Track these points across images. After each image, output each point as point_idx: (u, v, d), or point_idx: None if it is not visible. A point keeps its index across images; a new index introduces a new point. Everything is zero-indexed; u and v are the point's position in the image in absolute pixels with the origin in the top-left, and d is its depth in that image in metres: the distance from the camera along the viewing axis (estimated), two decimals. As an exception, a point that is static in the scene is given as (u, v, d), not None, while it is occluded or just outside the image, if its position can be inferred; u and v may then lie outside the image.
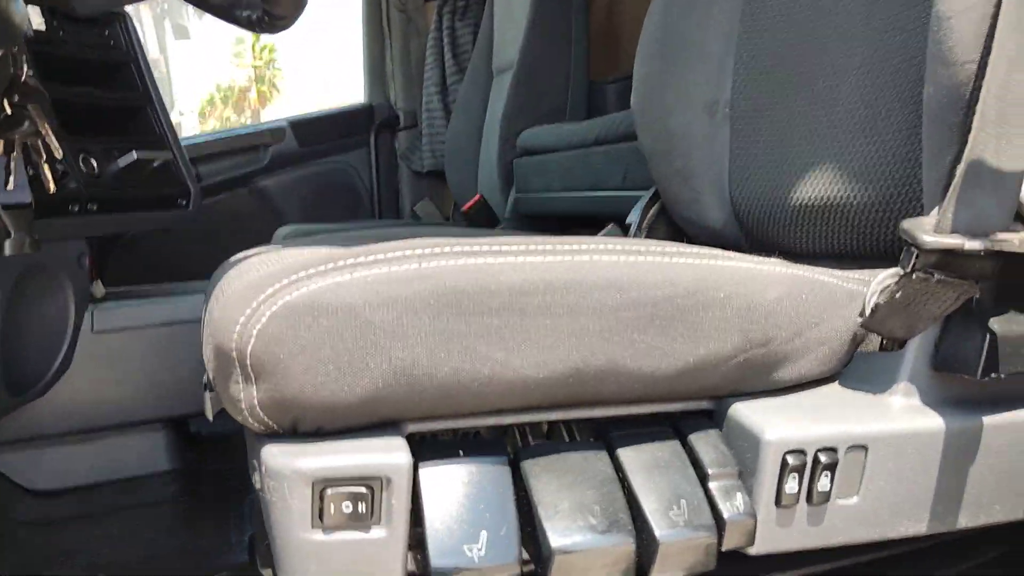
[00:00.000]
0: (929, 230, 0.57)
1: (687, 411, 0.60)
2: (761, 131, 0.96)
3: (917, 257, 0.57)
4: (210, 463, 1.40)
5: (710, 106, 1.02)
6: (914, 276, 0.57)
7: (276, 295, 0.50)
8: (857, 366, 0.63)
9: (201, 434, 1.44)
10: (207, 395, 0.66)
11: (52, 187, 0.89)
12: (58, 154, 0.78)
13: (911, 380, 0.60)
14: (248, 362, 0.49)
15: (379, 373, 0.50)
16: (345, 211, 2.55)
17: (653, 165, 1.06)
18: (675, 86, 1.04)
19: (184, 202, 1.46)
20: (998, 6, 0.59)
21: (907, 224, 0.58)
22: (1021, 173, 0.58)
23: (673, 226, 1.09)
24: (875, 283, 0.61)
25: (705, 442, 0.58)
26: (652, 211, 1.10)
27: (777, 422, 0.56)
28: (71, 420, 1.29)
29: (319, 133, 2.53)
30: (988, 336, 0.58)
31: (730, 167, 1.00)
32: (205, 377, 0.69)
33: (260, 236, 2.45)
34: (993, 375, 0.57)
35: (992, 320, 0.59)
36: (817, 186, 0.87)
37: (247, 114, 29.84)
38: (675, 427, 0.59)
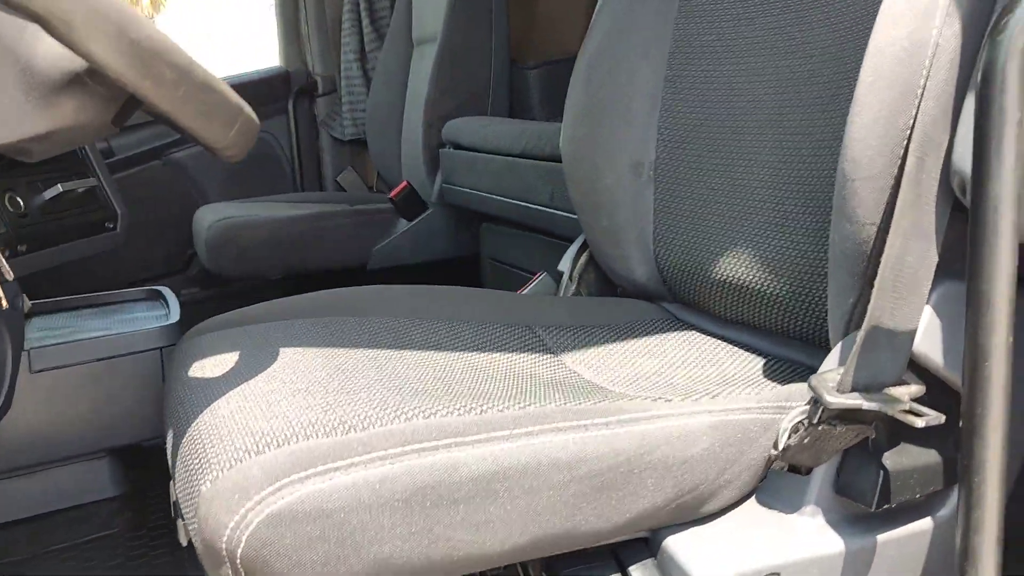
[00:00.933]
0: (832, 389, 0.65)
1: (626, 540, 0.68)
2: (684, 196, 1.03)
3: (822, 411, 0.65)
4: (159, 487, 1.44)
5: (635, 167, 1.07)
6: (820, 427, 0.66)
7: (262, 504, 0.55)
8: (771, 483, 0.72)
9: (148, 459, 1.47)
10: (179, 522, 0.70)
11: None
12: None
13: (817, 503, 0.69)
14: (239, 563, 0.55)
15: (360, 568, 0.56)
16: (266, 182, 2.53)
17: (582, 220, 1.12)
18: (602, 147, 1.08)
19: (112, 225, 1.44)
20: (898, 179, 0.66)
21: (813, 382, 0.66)
22: (913, 331, 0.66)
23: (603, 275, 1.16)
24: (786, 421, 0.69)
25: (643, 573, 0.66)
26: (582, 260, 1.16)
27: (704, 556, 0.65)
28: (15, 458, 1.30)
29: (234, 99, 2.46)
30: (882, 472, 0.67)
31: (654, 227, 1.06)
32: (173, 498, 0.74)
33: (177, 212, 2.42)
34: (886, 506, 0.67)
35: (885, 456, 0.68)
36: (733, 263, 0.94)
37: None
38: (616, 558, 0.67)
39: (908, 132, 0.65)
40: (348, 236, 2.01)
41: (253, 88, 2.50)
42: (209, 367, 0.80)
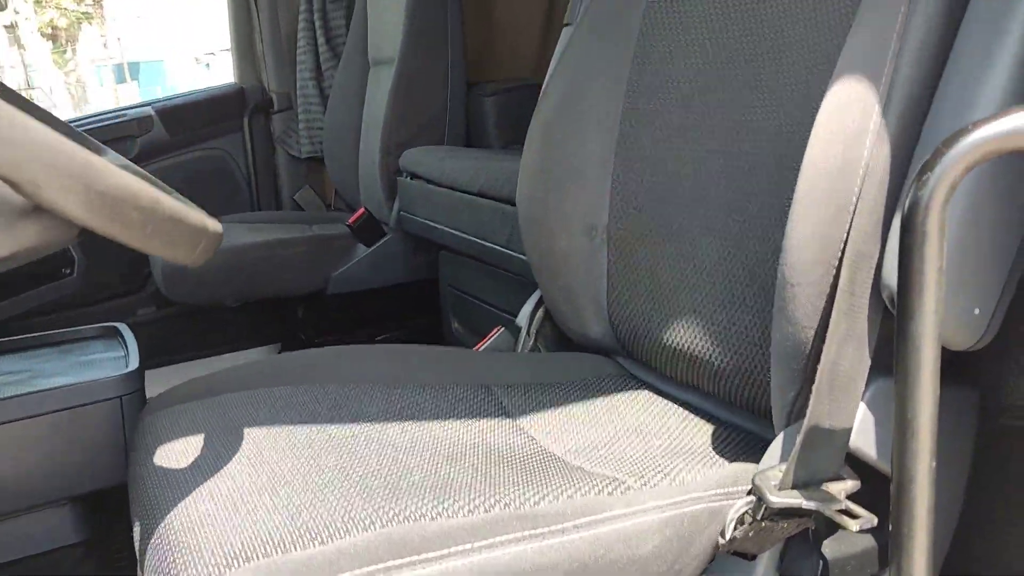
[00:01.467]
0: (774, 488, 0.69)
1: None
2: (636, 261, 1.06)
3: (765, 509, 0.69)
4: (122, 532, 1.45)
5: (589, 230, 1.10)
6: (763, 523, 0.70)
7: None
8: (718, 565, 0.76)
9: (110, 504, 1.48)
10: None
11: None
12: None
13: (761, 586, 0.74)
14: None
15: None
16: (222, 200, 2.52)
17: (538, 279, 1.15)
18: (557, 209, 1.11)
19: (69, 271, 1.44)
20: (833, 287, 0.70)
21: (757, 480, 0.70)
22: (849, 429, 0.71)
23: (559, 329, 1.19)
24: (732, 512, 0.73)
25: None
26: (539, 315, 1.19)
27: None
28: (-26, 511, 1.30)
29: (188, 119, 2.45)
30: (822, 560, 0.72)
31: (608, 289, 1.10)
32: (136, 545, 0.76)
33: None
34: (825, 593, 0.71)
35: (825, 544, 0.72)
36: (684, 332, 0.98)
37: (87, 1, 27.50)
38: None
39: (842, 246, 0.69)
40: (306, 262, 2.02)
41: (207, 106, 2.49)
42: (175, 455, 0.82)
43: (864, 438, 0.72)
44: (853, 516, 0.67)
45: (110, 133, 2.34)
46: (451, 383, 0.99)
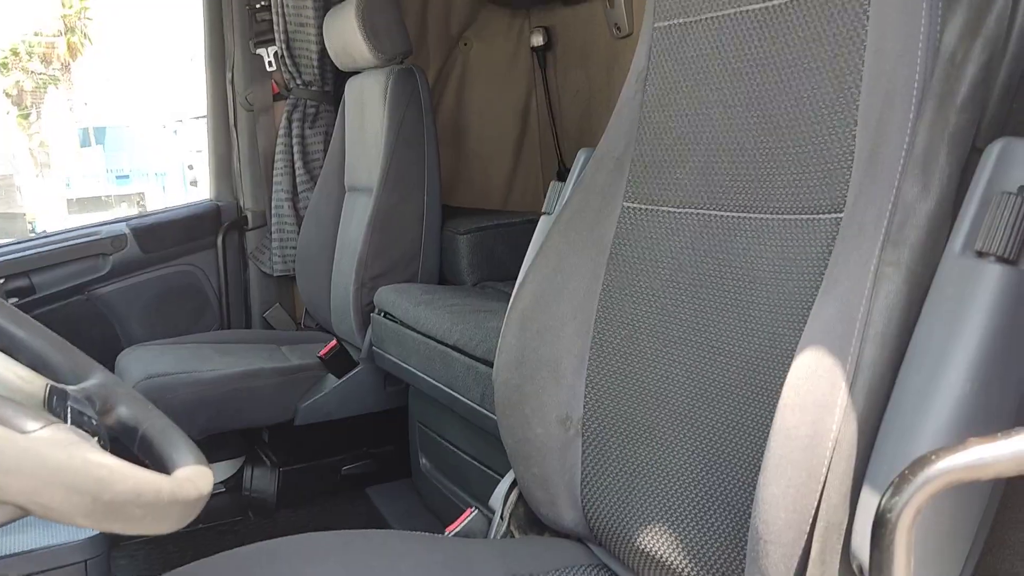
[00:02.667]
0: None
1: None
2: (611, 454, 1.09)
3: None
4: None
5: (563, 421, 1.13)
6: None
7: None
8: None
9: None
10: None
11: None
12: None
13: None
14: None
15: None
16: (191, 316, 2.52)
17: (514, 465, 1.17)
18: (531, 399, 1.14)
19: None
20: (805, 551, 0.73)
21: None
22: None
23: (532, 513, 1.21)
24: None
25: None
26: (512, 497, 1.21)
27: None
28: None
29: (162, 238, 2.47)
30: None
31: (582, 479, 1.12)
32: None
33: (99, 350, 2.37)
34: None
35: None
36: (656, 535, 1.00)
37: (55, 65, 27.54)
38: None
39: (814, 512, 0.72)
40: (275, 393, 2.02)
41: (182, 224, 2.51)
42: None
43: None
44: None
45: (84, 251, 2.35)
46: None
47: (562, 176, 2.78)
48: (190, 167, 18.72)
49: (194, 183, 18.08)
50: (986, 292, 0.68)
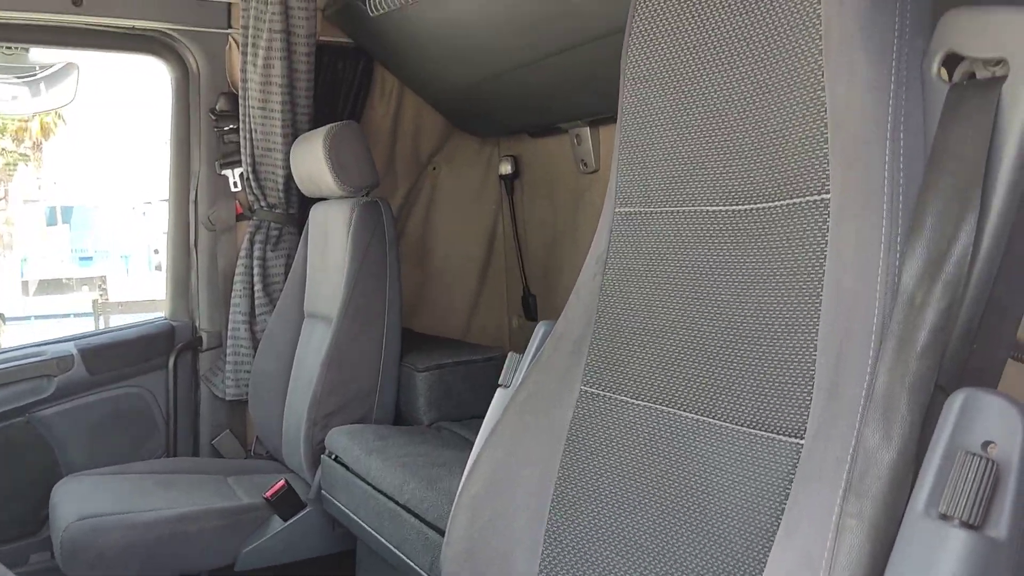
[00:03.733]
0: None
1: None
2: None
3: None
4: None
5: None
6: None
7: None
8: None
9: None
10: None
11: None
12: None
13: None
14: None
15: None
16: (136, 442, 2.42)
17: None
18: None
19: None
20: None
21: None
22: None
23: None
24: None
25: None
26: None
27: None
28: None
29: (112, 358, 2.39)
30: None
31: None
32: None
33: (37, 476, 2.27)
34: None
35: None
36: None
37: (27, 144, 27.56)
38: None
39: None
40: (215, 537, 1.92)
41: (134, 344, 2.44)
42: None
43: None
44: None
45: (28, 372, 2.27)
46: None
47: (527, 303, 2.79)
48: (156, 251, 18.58)
49: (159, 267, 17.91)
50: (951, 558, 0.65)
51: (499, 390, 1.27)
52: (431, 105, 2.72)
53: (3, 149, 26.19)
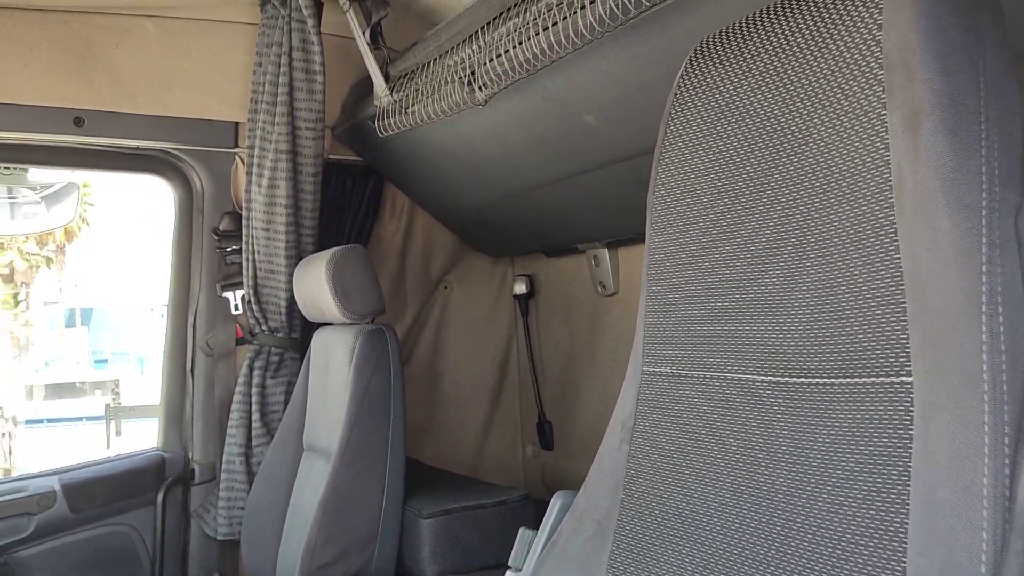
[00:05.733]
0: None
1: None
2: None
3: None
4: None
5: None
6: None
7: None
8: None
9: None
10: None
11: None
12: None
13: None
14: None
15: None
16: (118, 586, 2.23)
17: None
18: None
19: None
20: None
21: None
22: None
23: None
24: None
25: None
26: None
27: None
28: None
29: (96, 494, 2.23)
30: None
31: None
32: None
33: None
34: None
35: None
36: None
37: (50, 247, 28.09)
38: None
39: None
40: None
41: (121, 478, 2.28)
42: None
43: None
44: None
45: (7, 510, 2.10)
46: None
47: (542, 430, 2.62)
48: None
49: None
50: None
51: (509, 574, 1.10)
52: (443, 223, 2.63)
53: (27, 253, 26.69)
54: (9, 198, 2.42)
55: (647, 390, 0.92)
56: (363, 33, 2.04)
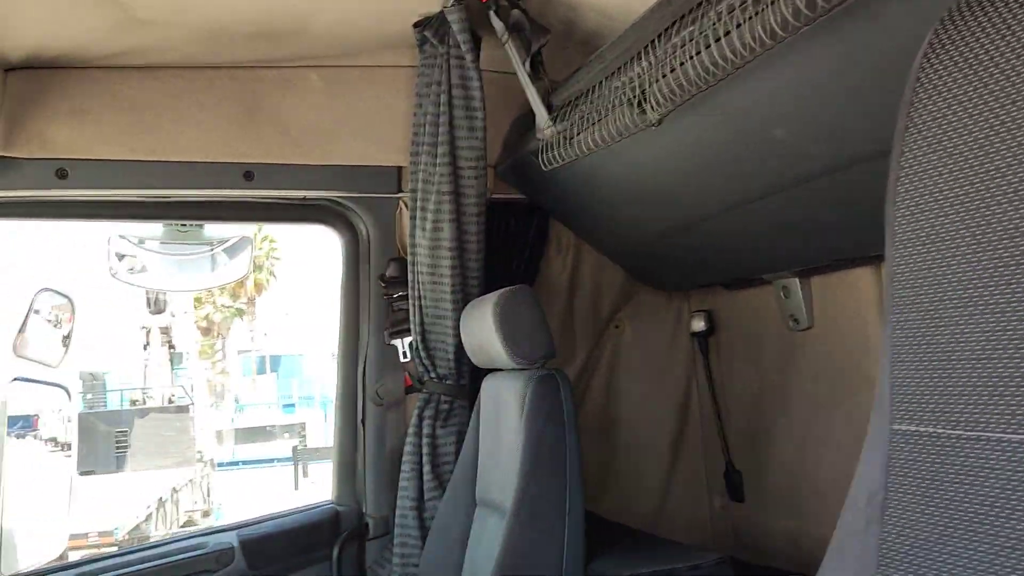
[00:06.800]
0: None
1: None
2: None
3: None
4: None
5: None
6: None
7: None
8: None
9: None
10: None
11: None
12: None
13: None
14: None
15: None
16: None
17: None
18: None
19: None
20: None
21: None
22: None
23: None
24: None
25: None
26: None
27: None
28: None
29: (272, 552, 2.20)
30: None
31: None
32: None
33: None
34: None
35: None
36: None
37: (242, 299, 30.14)
38: None
39: None
40: None
41: (298, 534, 2.25)
42: None
43: None
44: None
45: (185, 569, 2.11)
46: None
47: (731, 480, 2.39)
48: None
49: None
50: None
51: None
52: (611, 259, 2.48)
53: (222, 305, 28.78)
54: (190, 254, 2.49)
55: (901, 455, 0.72)
56: (523, 63, 1.94)
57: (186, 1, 1.82)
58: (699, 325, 2.45)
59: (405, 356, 2.36)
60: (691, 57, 1.36)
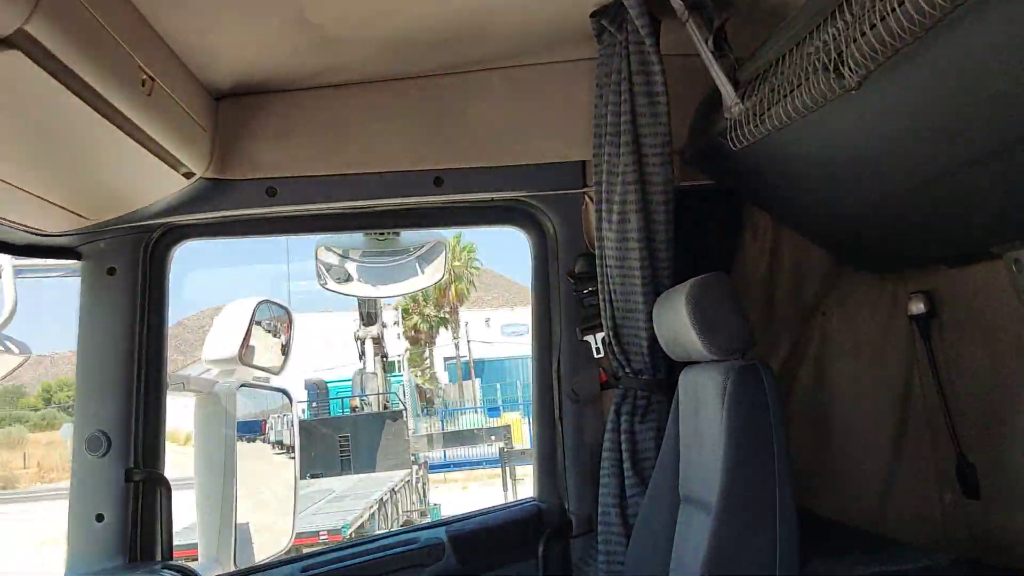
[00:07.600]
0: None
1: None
2: None
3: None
4: None
5: None
6: None
7: None
8: None
9: None
10: None
11: None
12: None
13: None
14: None
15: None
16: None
17: None
18: None
19: None
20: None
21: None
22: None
23: None
24: None
25: None
26: None
27: None
28: None
29: (481, 546, 2.25)
30: None
31: None
32: None
33: None
34: None
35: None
36: None
37: (446, 309, 31.38)
38: None
39: None
40: None
41: (503, 530, 2.29)
42: None
43: None
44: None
45: (400, 562, 2.19)
46: None
47: (964, 474, 2.17)
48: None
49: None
50: None
51: None
52: (813, 241, 2.33)
53: (426, 315, 30.12)
54: (389, 262, 2.60)
55: None
56: (706, 41, 1.86)
57: (371, 16, 1.90)
58: (918, 307, 2.25)
59: (598, 352, 2.34)
60: (893, 9, 1.24)
